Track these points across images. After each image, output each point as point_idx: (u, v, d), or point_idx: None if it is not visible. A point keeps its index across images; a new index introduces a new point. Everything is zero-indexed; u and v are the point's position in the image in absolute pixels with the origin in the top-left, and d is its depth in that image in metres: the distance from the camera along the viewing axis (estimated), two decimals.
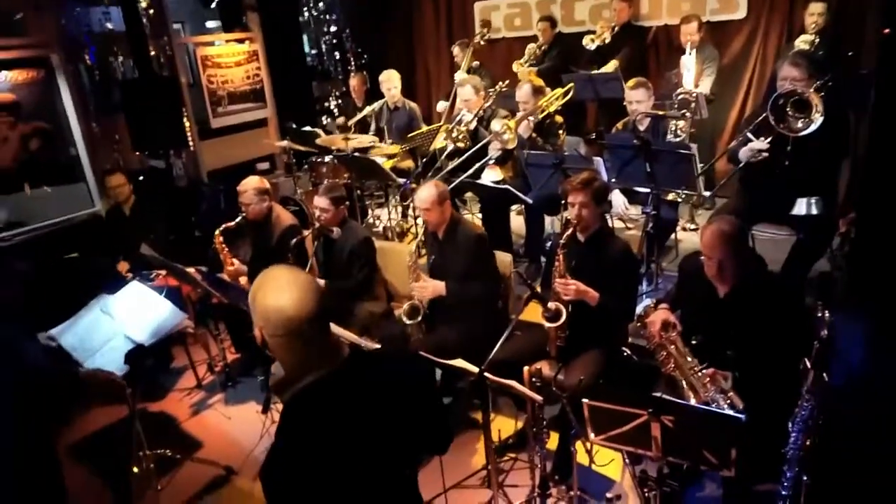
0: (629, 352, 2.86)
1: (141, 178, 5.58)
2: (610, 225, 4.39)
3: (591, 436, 2.32)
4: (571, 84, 4.62)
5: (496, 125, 4.33)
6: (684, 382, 2.53)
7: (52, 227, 5.36)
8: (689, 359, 2.58)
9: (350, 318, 3.59)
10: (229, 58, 6.68)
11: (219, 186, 6.09)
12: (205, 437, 3.66)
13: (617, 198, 4.17)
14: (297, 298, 1.43)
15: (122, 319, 3.19)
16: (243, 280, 3.86)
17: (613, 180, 3.93)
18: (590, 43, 5.50)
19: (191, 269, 3.64)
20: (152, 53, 5.91)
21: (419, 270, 3.47)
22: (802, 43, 4.69)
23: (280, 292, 1.44)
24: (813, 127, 3.08)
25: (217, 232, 3.87)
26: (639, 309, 3.10)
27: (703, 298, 2.71)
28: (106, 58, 5.89)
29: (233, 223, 3.91)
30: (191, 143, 6.17)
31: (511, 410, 3.44)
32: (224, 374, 4.16)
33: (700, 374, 2.52)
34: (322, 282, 3.64)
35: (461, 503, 2.95)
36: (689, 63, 4.91)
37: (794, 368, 2.28)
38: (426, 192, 3.38)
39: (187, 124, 5.98)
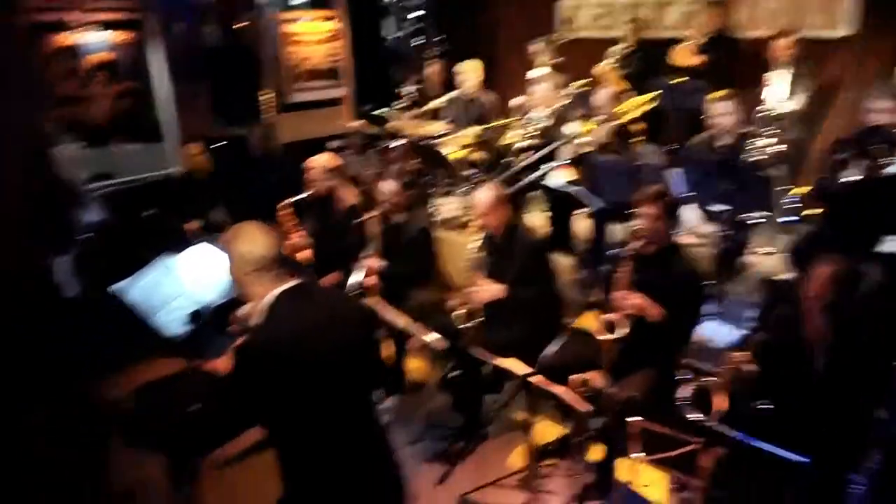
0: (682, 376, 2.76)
1: (218, 144, 5.74)
2: (680, 240, 4.25)
3: (636, 454, 2.26)
4: (659, 92, 4.48)
5: (573, 127, 4.24)
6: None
7: (134, 182, 5.61)
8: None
9: (404, 304, 3.61)
10: (311, 35, 6.78)
11: (290, 160, 6.21)
12: None
13: (690, 213, 4.03)
14: (264, 242, 1.96)
15: (189, 279, 3.26)
16: (306, 254, 3.92)
17: (687, 195, 3.81)
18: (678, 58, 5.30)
19: None
20: (240, 25, 6.07)
21: (477, 273, 3.41)
22: None
23: (252, 239, 1.96)
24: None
25: (284, 204, 3.93)
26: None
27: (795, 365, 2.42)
28: (197, 25, 6.08)
29: (299, 198, 3.97)
30: (268, 116, 6.32)
31: (557, 416, 3.39)
32: None
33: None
34: (381, 263, 3.67)
35: (496, 501, 2.95)
36: (778, 80, 4.68)
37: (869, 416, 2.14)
38: (485, 195, 3.35)
39: (266, 97, 6.12)
